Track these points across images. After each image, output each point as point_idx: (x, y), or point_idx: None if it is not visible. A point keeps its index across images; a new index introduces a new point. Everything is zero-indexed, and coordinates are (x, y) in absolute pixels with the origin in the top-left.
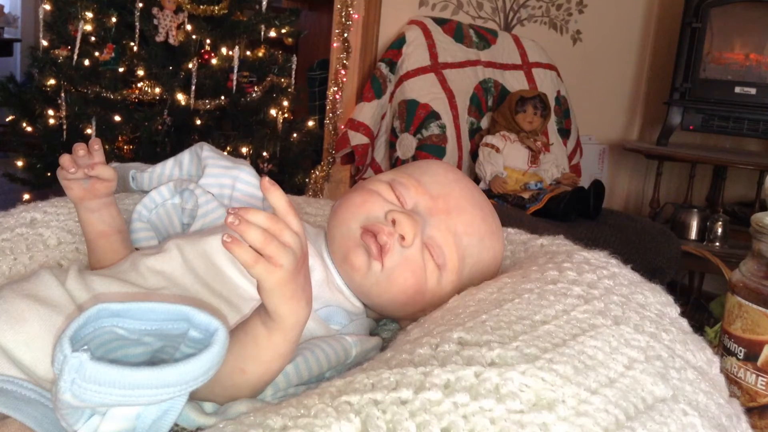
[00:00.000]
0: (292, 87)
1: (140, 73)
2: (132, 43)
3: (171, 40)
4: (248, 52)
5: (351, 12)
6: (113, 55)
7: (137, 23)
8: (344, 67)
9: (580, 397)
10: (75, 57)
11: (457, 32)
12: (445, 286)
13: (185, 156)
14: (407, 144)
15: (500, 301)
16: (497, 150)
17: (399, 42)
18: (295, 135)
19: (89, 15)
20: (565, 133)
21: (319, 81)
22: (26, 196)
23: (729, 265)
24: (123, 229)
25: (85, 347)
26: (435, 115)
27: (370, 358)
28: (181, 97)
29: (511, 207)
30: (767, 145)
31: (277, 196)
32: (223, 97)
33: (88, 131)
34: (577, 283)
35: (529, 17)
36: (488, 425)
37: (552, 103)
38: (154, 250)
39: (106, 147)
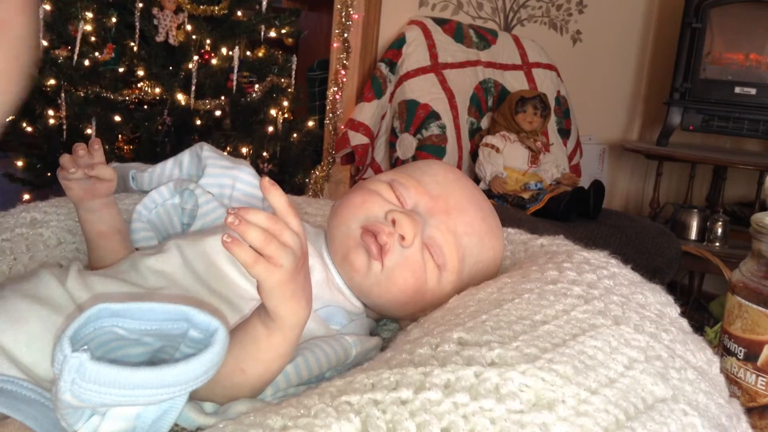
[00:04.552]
0: (292, 87)
1: (140, 73)
2: (132, 43)
3: (171, 40)
4: (248, 52)
5: (351, 12)
6: (113, 55)
7: (137, 23)
8: (344, 67)
9: (580, 397)
10: (75, 57)
11: (457, 32)
12: (445, 286)
13: (185, 156)
14: (407, 144)
15: (500, 301)
16: (497, 150)
17: (399, 42)
18: (295, 135)
19: (89, 15)
20: (565, 133)
21: (319, 81)
22: (26, 196)
23: (729, 265)
24: (123, 229)
25: (85, 347)
26: (435, 115)
27: (370, 358)
28: (181, 97)
29: (511, 207)
30: (767, 145)
31: (277, 196)
32: (223, 97)
33: (88, 131)
34: (577, 283)
35: (529, 17)
36: (488, 425)
37: (552, 103)
38: (154, 250)
39: (106, 147)
